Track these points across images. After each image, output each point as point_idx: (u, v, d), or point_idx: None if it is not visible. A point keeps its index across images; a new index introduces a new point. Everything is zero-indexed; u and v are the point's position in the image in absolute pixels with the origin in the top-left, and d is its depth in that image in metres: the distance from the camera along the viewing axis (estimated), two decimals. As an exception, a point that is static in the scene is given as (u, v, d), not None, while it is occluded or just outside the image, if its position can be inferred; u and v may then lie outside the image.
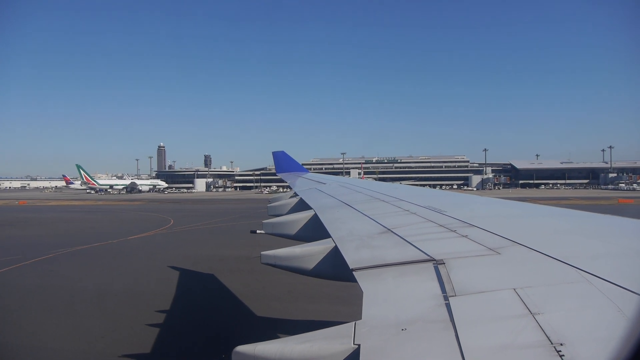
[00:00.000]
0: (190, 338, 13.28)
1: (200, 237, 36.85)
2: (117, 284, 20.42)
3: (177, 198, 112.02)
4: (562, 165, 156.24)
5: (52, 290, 19.25)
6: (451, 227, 4.44)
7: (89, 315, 15.61)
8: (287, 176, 18.89)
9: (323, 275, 4.80)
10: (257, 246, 26.54)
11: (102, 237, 35.78)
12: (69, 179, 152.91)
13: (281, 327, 13.70)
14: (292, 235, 7.35)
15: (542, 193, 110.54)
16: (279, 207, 10.40)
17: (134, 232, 39.02)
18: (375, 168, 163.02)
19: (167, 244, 32.82)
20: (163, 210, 68.96)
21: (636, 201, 72.51)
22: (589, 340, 2.02)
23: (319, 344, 2.43)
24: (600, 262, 2.96)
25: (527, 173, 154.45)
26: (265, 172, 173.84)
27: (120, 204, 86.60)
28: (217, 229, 42.15)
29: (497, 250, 3.39)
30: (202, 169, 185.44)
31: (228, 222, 48.69)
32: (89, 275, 22.18)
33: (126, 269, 23.81)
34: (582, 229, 4.38)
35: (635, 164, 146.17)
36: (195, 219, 51.73)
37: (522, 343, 2.04)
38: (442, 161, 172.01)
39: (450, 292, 2.66)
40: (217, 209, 70.98)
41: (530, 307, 2.30)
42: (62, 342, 13.27)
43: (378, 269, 3.38)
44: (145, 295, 18.31)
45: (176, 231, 40.54)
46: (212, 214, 60.62)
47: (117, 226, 46.40)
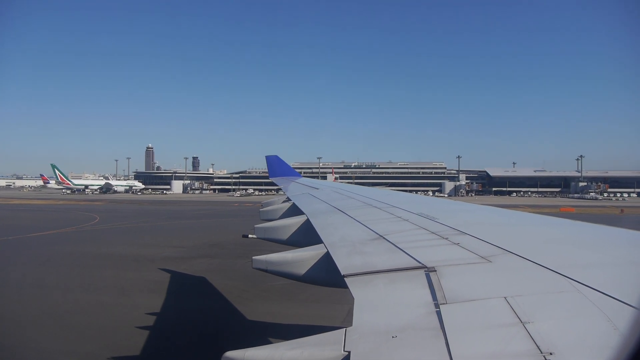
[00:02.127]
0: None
1: (100, 236, 38.19)
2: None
3: (144, 199, 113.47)
4: (535, 173, 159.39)
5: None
6: (443, 235, 4.45)
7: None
8: (280, 180, 18.88)
9: (315, 280, 4.78)
10: (141, 246, 28.36)
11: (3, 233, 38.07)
12: (46, 178, 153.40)
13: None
14: (284, 240, 7.32)
15: (506, 200, 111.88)
16: (271, 211, 10.38)
17: (41, 229, 41.50)
18: (353, 173, 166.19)
19: (53, 242, 34.29)
20: (106, 209, 71.29)
21: (578, 210, 74.00)
22: (579, 350, 2.02)
23: (309, 350, 2.41)
24: (591, 271, 2.97)
25: (500, 180, 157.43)
26: (245, 175, 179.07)
27: (75, 203, 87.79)
28: (135, 229, 44.30)
29: (489, 259, 3.39)
30: (180, 171, 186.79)
31: (152, 222, 50.99)
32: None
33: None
34: (573, 239, 4.41)
35: (606, 173, 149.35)
36: (122, 219, 53.90)
37: (512, 352, 2.03)
38: (420, 167, 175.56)
39: (441, 299, 2.66)
40: (163, 209, 73.24)
41: (521, 316, 2.30)
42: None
43: (369, 276, 3.37)
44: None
45: (85, 229, 42.84)
46: (149, 214, 62.74)
47: (31, 223, 48.28)
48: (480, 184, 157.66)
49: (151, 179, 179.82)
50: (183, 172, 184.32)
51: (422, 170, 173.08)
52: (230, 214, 65.77)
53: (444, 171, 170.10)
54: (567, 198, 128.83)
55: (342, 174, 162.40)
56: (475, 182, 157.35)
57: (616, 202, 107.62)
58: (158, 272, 22.71)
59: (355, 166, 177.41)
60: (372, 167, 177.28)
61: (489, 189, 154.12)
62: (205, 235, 38.31)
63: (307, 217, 7.04)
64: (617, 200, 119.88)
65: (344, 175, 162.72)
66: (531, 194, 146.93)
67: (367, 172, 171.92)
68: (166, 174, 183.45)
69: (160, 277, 21.56)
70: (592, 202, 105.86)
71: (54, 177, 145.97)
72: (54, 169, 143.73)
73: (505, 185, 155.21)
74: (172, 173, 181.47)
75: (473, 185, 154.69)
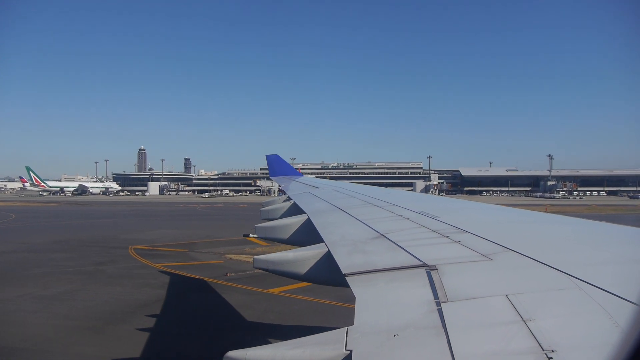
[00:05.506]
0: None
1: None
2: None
3: (101, 200, 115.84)
4: (507, 172, 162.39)
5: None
6: (444, 233, 4.44)
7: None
8: (280, 180, 18.86)
9: (316, 280, 4.79)
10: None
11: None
12: (25, 180, 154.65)
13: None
14: (285, 240, 7.32)
15: (474, 200, 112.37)
16: (272, 210, 10.38)
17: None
18: (330, 174, 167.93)
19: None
20: (33, 210, 73.44)
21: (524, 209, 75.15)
22: (580, 348, 2.02)
23: (310, 350, 2.41)
24: (593, 269, 2.97)
25: (472, 180, 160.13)
26: (224, 176, 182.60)
27: (25, 205, 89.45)
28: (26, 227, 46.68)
29: (490, 257, 3.39)
30: (157, 172, 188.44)
31: (66, 221, 53.99)
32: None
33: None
34: (574, 236, 4.40)
35: (577, 172, 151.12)
36: (33, 220, 55.21)
37: (514, 349, 2.03)
38: (397, 167, 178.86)
39: (442, 298, 2.65)
40: (95, 210, 75.93)
41: (522, 314, 2.30)
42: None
43: (371, 274, 3.37)
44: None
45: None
46: (73, 215, 65.08)
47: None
48: (450, 183, 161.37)
49: (130, 180, 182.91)
50: (159, 174, 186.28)
51: (399, 170, 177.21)
52: (152, 213, 68.47)
53: (420, 171, 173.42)
54: (532, 197, 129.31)
55: (319, 174, 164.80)
56: (446, 182, 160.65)
57: (574, 201, 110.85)
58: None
59: (332, 167, 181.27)
60: (350, 167, 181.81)
61: (460, 189, 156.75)
62: (70, 233, 41.18)
63: (308, 216, 7.04)
64: (580, 199, 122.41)
65: (320, 175, 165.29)
66: (500, 194, 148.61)
67: (344, 173, 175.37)
68: (144, 176, 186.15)
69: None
70: (548, 201, 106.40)
71: (29, 179, 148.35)
72: (28, 172, 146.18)
73: (477, 184, 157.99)
74: (150, 175, 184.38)
75: (443, 185, 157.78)
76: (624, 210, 71.27)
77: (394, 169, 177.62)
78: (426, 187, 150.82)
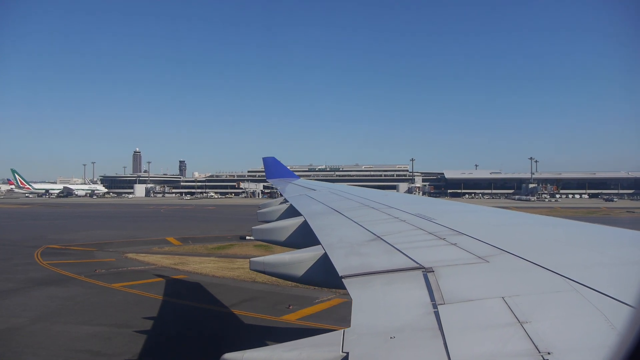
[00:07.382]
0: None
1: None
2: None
3: (83, 202, 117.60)
4: (490, 175, 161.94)
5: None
6: (440, 235, 4.45)
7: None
8: (277, 182, 18.85)
9: (313, 282, 4.78)
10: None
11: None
12: (12, 182, 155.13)
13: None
14: (281, 242, 7.31)
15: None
16: (269, 213, 10.36)
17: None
18: (317, 176, 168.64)
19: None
20: (12, 212, 75.83)
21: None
22: (576, 350, 2.02)
23: (307, 352, 2.41)
24: (589, 271, 2.98)
25: (456, 182, 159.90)
26: (212, 178, 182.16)
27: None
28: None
29: (486, 259, 3.40)
30: (143, 175, 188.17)
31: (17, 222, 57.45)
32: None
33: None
34: (571, 238, 4.41)
35: (559, 175, 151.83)
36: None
37: (510, 351, 2.04)
38: (383, 170, 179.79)
39: (439, 300, 2.66)
40: (67, 212, 77.44)
41: (519, 316, 2.30)
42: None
43: (367, 277, 3.37)
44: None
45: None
46: (29, 216, 67.53)
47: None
48: (434, 186, 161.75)
49: (117, 182, 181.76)
50: (146, 176, 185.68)
51: (385, 172, 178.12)
52: (112, 215, 70.13)
53: (406, 174, 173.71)
54: (511, 200, 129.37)
55: (305, 176, 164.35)
56: (429, 184, 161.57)
57: (549, 204, 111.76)
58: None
59: (319, 169, 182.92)
60: (336, 170, 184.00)
61: (444, 191, 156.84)
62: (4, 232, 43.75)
63: (305, 219, 7.04)
64: (556, 201, 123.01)
65: (307, 177, 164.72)
66: (483, 196, 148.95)
67: (330, 175, 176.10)
68: (131, 178, 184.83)
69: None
70: (523, 204, 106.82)
71: (15, 181, 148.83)
72: (13, 174, 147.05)
73: (460, 187, 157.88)
74: (136, 177, 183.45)
75: (426, 187, 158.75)
76: (585, 213, 72.01)
77: (380, 172, 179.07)
78: (409, 189, 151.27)
